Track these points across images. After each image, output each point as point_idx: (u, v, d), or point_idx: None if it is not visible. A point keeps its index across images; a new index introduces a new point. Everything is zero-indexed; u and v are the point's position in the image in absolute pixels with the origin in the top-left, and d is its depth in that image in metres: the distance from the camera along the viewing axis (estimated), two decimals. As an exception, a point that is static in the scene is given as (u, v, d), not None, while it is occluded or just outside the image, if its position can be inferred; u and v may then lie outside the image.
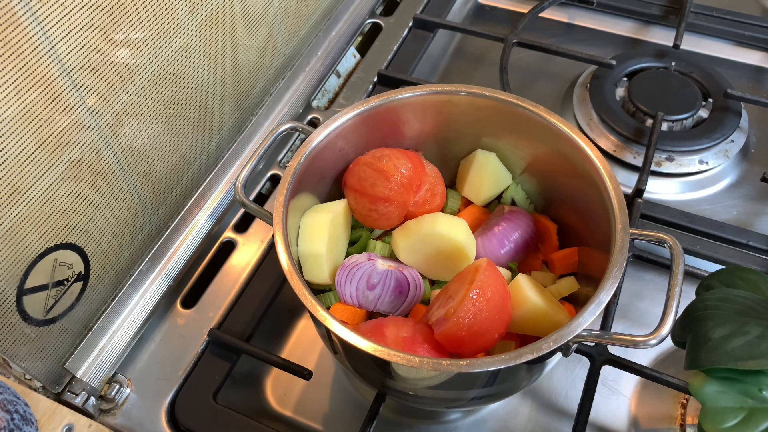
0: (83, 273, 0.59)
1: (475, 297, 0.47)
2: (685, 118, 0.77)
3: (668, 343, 0.50)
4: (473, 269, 0.50)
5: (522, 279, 0.53)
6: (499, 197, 0.64)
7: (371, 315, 0.57)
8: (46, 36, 0.48)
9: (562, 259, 0.59)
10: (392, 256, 0.59)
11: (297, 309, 0.68)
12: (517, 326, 0.52)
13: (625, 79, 0.83)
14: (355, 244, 0.61)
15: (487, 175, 0.61)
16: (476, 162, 0.62)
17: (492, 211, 0.63)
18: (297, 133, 0.80)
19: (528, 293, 0.51)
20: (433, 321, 0.51)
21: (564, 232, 0.60)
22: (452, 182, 0.66)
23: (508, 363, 0.44)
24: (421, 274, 0.57)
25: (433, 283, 0.59)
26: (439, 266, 0.57)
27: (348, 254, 0.60)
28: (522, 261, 0.60)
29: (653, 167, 0.74)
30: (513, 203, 0.63)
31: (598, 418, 0.60)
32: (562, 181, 0.59)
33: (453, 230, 0.55)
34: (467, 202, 0.64)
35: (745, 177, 0.76)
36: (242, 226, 0.73)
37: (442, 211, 0.62)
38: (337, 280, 0.55)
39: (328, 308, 0.48)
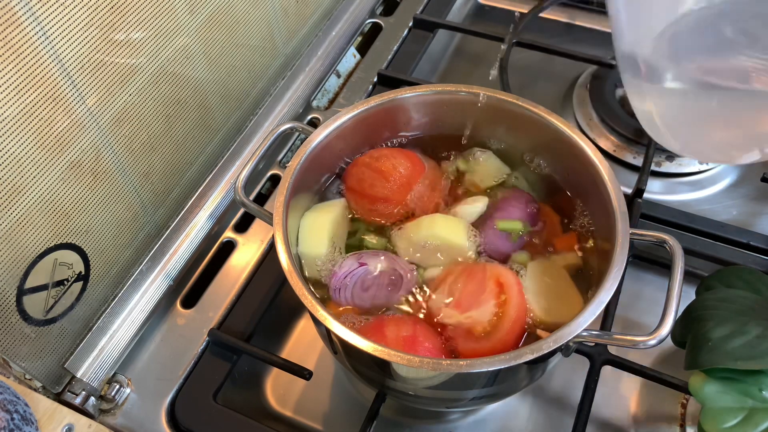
0: (83, 273, 0.59)
1: (507, 321, 0.49)
2: (685, 118, 0.77)
3: (668, 343, 0.50)
4: (495, 279, 0.51)
5: (533, 266, 0.54)
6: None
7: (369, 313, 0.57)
8: (46, 36, 0.48)
9: (563, 242, 0.58)
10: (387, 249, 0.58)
11: (297, 309, 0.68)
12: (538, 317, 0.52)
13: (625, 79, 0.83)
14: (352, 238, 0.60)
15: (488, 174, 0.61)
16: (476, 161, 0.62)
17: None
18: (297, 133, 0.80)
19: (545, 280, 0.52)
20: (445, 321, 0.51)
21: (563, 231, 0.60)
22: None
23: (508, 363, 0.44)
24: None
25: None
26: (438, 264, 0.57)
27: (347, 248, 0.59)
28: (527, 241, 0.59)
29: (653, 167, 0.74)
30: None
31: (598, 418, 0.60)
32: (561, 181, 0.59)
33: (453, 233, 0.55)
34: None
35: (745, 177, 0.76)
36: (242, 226, 0.73)
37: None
38: (332, 291, 0.54)
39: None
